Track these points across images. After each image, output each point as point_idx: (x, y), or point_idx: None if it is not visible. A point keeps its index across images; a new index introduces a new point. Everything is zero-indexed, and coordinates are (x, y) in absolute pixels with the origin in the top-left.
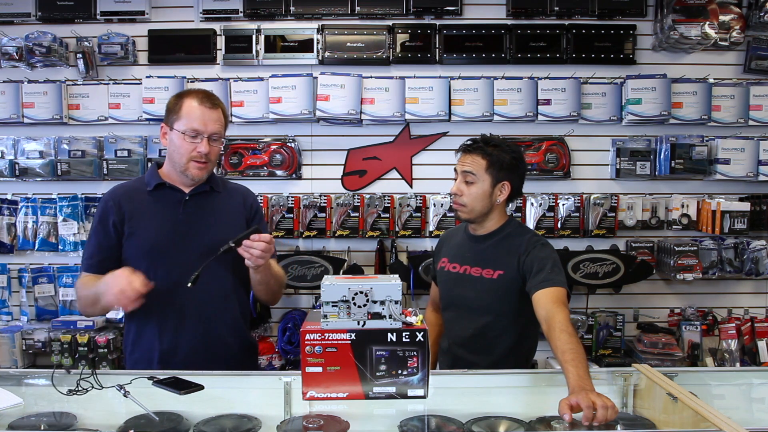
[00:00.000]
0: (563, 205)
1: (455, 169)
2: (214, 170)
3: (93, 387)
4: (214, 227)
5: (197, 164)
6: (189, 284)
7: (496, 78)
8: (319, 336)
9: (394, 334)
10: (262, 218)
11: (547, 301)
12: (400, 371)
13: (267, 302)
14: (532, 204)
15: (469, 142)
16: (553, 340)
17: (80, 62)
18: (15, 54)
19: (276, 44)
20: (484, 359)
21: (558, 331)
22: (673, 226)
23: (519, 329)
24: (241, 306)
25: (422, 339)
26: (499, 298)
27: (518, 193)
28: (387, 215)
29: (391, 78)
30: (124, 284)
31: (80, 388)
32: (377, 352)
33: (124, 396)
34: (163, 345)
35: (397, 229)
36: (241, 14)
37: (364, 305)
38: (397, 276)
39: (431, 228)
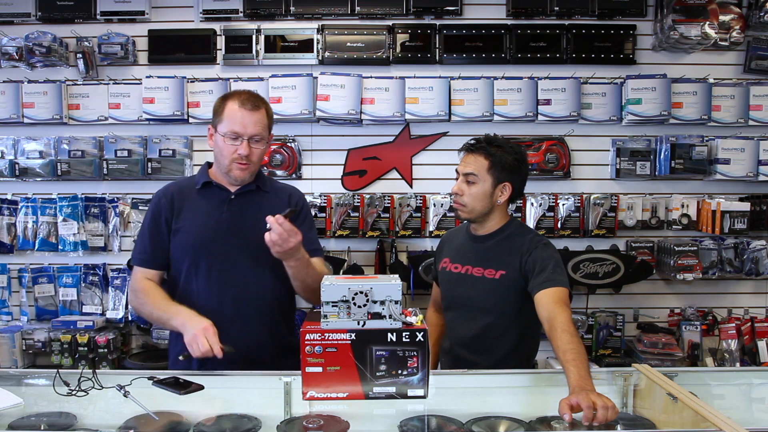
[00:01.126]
0: (563, 205)
1: (457, 170)
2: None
3: (93, 387)
4: (257, 226)
5: (239, 165)
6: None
7: (496, 78)
8: (319, 336)
9: (394, 334)
10: (308, 218)
11: (549, 302)
12: (400, 371)
13: (307, 300)
14: (532, 204)
15: (472, 142)
16: (555, 340)
17: (80, 62)
18: (15, 54)
19: (276, 44)
20: (486, 359)
21: (560, 331)
22: (673, 226)
23: (521, 329)
24: (282, 307)
25: (422, 339)
26: (501, 299)
27: (520, 194)
28: (387, 215)
29: (391, 78)
30: (202, 340)
31: (80, 388)
32: (377, 352)
33: (124, 396)
34: None
35: (397, 229)
36: (241, 14)
37: (364, 305)
38: (397, 276)
39: (431, 228)
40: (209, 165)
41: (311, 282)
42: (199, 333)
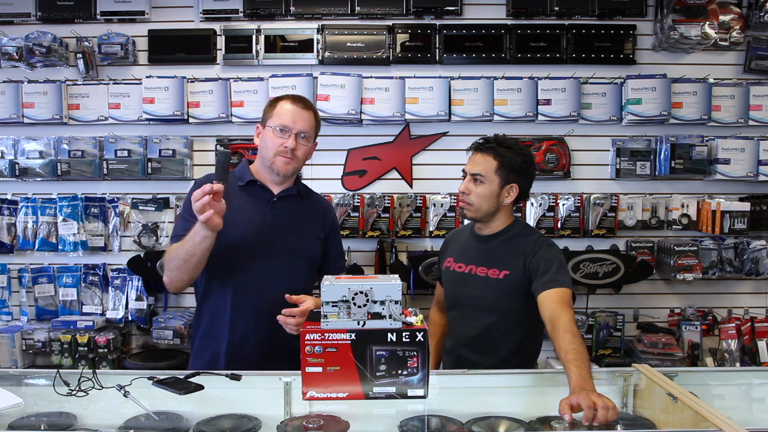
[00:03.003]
0: (563, 205)
1: (464, 169)
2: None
3: (93, 387)
4: (297, 233)
5: (283, 158)
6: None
7: (496, 78)
8: (319, 336)
9: (394, 334)
10: (337, 234)
11: (552, 302)
12: (400, 371)
13: None
14: (532, 204)
15: (481, 141)
16: (557, 340)
17: (80, 62)
18: (15, 54)
19: (276, 44)
20: (489, 359)
21: (562, 332)
22: (673, 226)
23: (524, 330)
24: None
25: (422, 339)
26: (504, 299)
27: (525, 195)
28: (387, 215)
29: (391, 78)
30: (194, 197)
31: (80, 388)
32: (377, 352)
33: (124, 396)
34: (234, 337)
35: (397, 229)
36: (241, 14)
37: (364, 305)
38: (397, 276)
39: (431, 228)
40: (249, 162)
41: None
42: (194, 197)
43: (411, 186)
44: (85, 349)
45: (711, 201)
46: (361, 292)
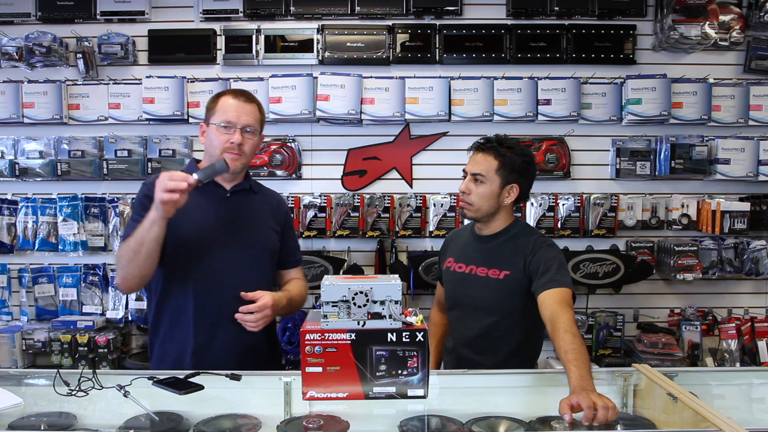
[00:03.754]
0: (563, 205)
1: (464, 169)
2: None
3: (93, 387)
4: (254, 226)
5: (231, 155)
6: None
7: (496, 78)
8: (319, 336)
9: (394, 334)
10: (292, 227)
11: (552, 302)
12: (400, 371)
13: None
14: (532, 204)
15: (482, 141)
16: (557, 340)
17: (80, 62)
18: (15, 54)
19: (276, 44)
20: (489, 359)
21: (562, 332)
22: (673, 226)
23: (524, 330)
24: None
25: (422, 339)
26: (504, 299)
27: (526, 196)
28: (387, 215)
29: (391, 78)
30: (165, 176)
31: (80, 388)
32: (377, 352)
33: (124, 396)
34: (199, 340)
35: (397, 229)
36: (241, 14)
37: (364, 305)
38: (397, 276)
39: (431, 228)
40: (196, 161)
41: (296, 307)
42: (164, 176)
43: (411, 186)
44: (85, 349)
45: (711, 201)
46: (361, 292)
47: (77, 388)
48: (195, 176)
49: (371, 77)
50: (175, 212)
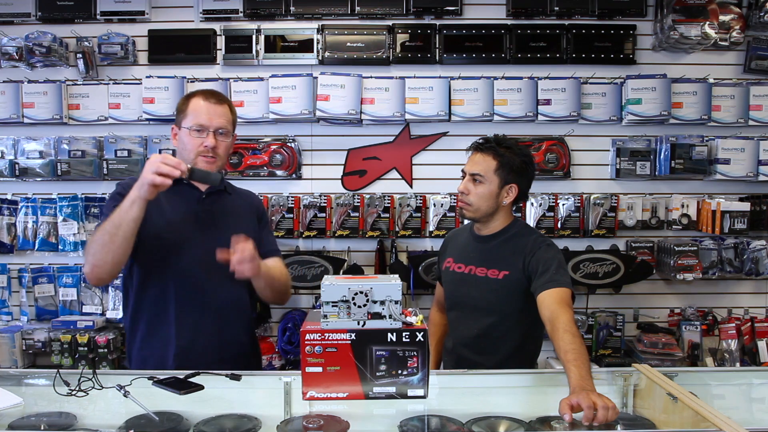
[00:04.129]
0: (563, 205)
1: (463, 169)
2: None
3: (93, 387)
4: (230, 225)
5: (205, 159)
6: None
7: (496, 78)
8: (319, 336)
9: (394, 334)
10: (268, 222)
11: (551, 302)
12: (400, 371)
13: (276, 302)
14: (532, 204)
15: (481, 141)
16: (557, 340)
17: (80, 62)
18: (15, 54)
19: (276, 44)
20: (489, 359)
21: (561, 332)
22: (673, 226)
23: (524, 330)
24: (251, 307)
25: (422, 339)
26: (504, 299)
27: (525, 196)
28: (387, 215)
29: (391, 78)
30: (160, 157)
31: (80, 388)
32: (377, 352)
33: (124, 396)
34: (181, 341)
35: (397, 229)
36: (241, 14)
37: (364, 305)
38: (397, 276)
39: (431, 228)
40: None
41: (278, 285)
42: (156, 158)
43: (411, 186)
44: (85, 349)
45: (711, 201)
46: (361, 292)
47: (77, 388)
48: (187, 166)
49: (371, 77)
50: (151, 215)
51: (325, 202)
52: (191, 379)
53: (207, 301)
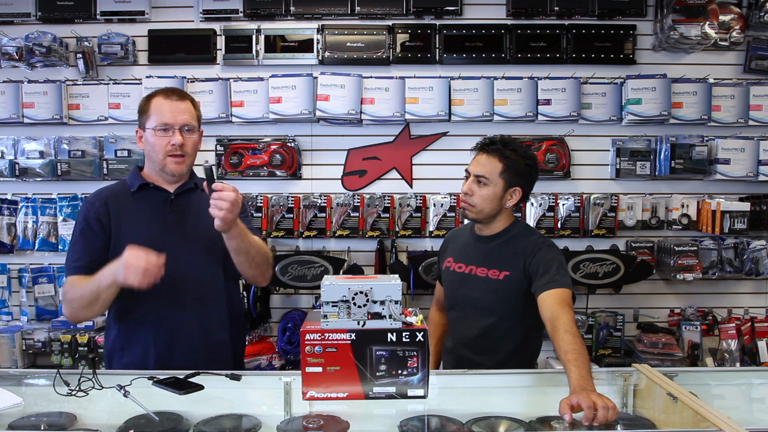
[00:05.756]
0: (563, 205)
1: (467, 169)
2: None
3: (93, 387)
4: (203, 226)
5: (173, 158)
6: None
7: (496, 78)
8: (319, 336)
9: (394, 334)
10: (247, 213)
11: (552, 302)
12: (400, 371)
13: (255, 279)
14: (532, 204)
15: (486, 142)
16: (557, 340)
17: (80, 62)
18: (15, 54)
19: (276, 44)
20: (489, 360)
21: (562, 332)
22: (673, 226)
23: (524, 330)
24: (235, 301)
25: (422, 339)
26: (504, 299)
27: (526, 198)
28: (387, 215)
29: (391, 78)
30: (143, 262)
31: (80, 388)
32: (377, 352)
33: (124, 396)
34: (159, 347)
35: (397, 229)
36: (241, 14)
37: (364, 305)
38: (397, 276)
39: (431, 228)
40: (140, 168)
41: (255, 253)
42: (141, 264)
43: (411, 186)
44: (85, 349)
45: (711, 201)
46: (361, 292)
47: (77, 388)
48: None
49: (371, 77)
50: (121, 224)
51: (325, 202)
52: (191, 379)
53: (183, 303)
